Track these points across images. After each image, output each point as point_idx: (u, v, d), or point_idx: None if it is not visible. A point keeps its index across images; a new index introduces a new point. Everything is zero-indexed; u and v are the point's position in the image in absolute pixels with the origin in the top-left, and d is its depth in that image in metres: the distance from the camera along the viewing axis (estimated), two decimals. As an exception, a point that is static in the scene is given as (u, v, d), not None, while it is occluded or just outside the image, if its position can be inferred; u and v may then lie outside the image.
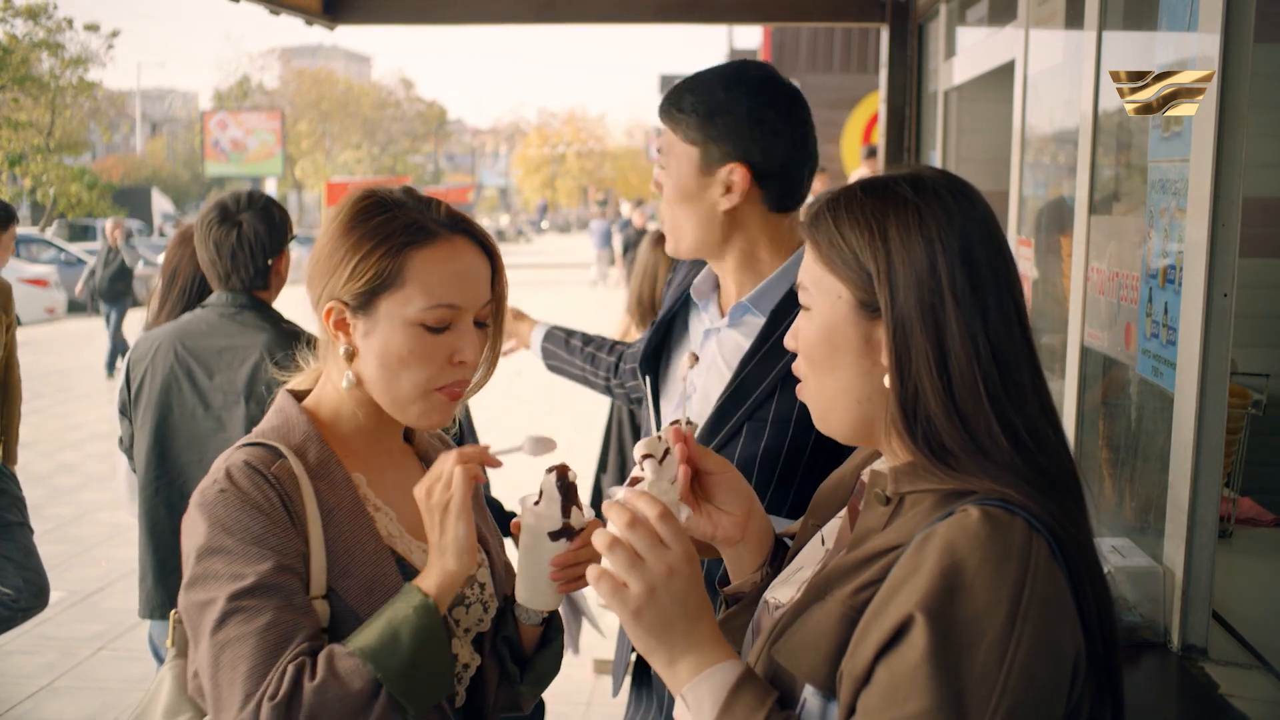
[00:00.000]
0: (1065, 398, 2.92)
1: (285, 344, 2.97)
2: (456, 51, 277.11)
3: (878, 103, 5.91)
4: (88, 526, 7.39)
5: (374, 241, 1.52)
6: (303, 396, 1.65)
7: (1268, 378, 2.82)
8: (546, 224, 64.14)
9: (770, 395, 1.97)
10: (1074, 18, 3.02)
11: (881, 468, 1.31)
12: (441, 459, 1.50)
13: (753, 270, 2.06)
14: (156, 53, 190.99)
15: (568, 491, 1.52)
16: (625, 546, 1.22)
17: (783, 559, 1.48)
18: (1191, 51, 2.11)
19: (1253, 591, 2.44)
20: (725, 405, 2.01)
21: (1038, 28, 3.45)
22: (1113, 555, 2.21)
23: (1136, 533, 2.43)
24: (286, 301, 3.15)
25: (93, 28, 30.84)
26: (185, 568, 1.48)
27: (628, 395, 2.68)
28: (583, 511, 1.54)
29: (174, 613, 1.62)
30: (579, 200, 68.91)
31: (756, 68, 2.05)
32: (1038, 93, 3.46)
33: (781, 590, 1.38)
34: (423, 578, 1.49)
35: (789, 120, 1.99)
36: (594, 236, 28.47)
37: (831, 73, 13.72)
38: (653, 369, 2.25)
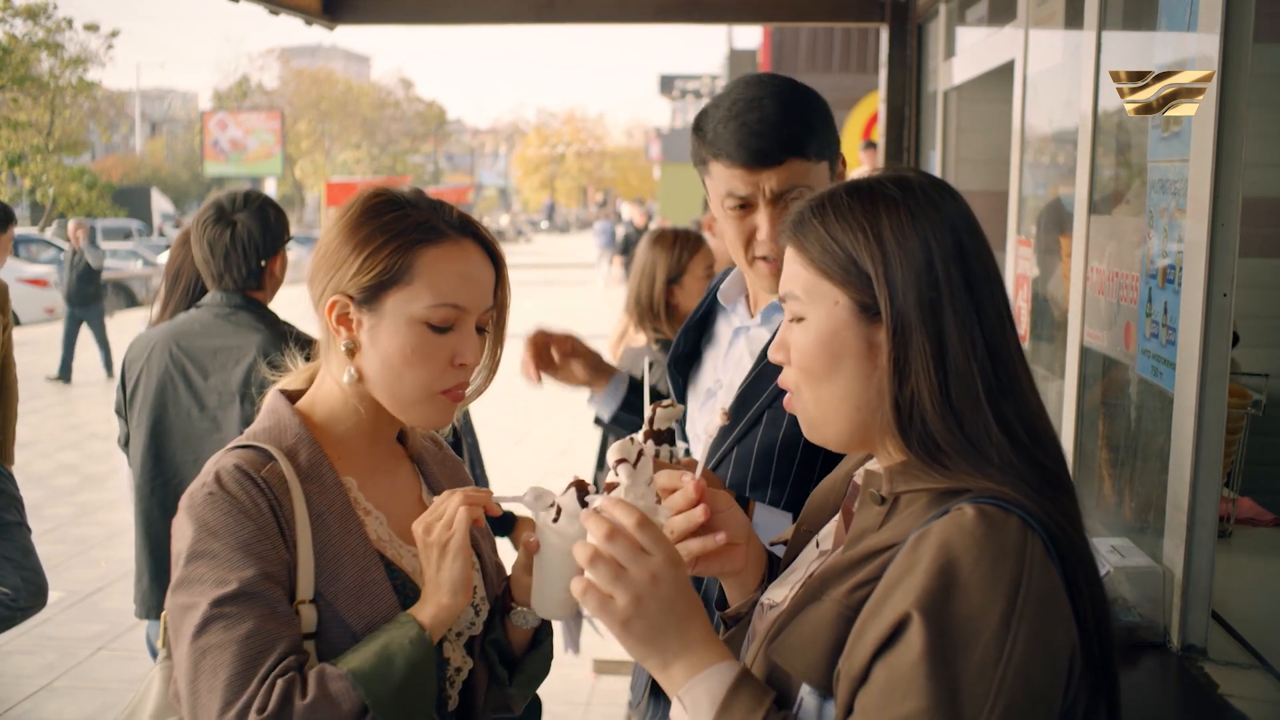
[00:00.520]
0: (1065, 398, 2.92)
1: (280, 344, 2.97)
2: (456, 51, 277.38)
3: (877, 103, 5.91)
4: (87, 527, 7.39)
5: (385, 237, 1.53)
6: (295, 397, 1.65)
7: (1267, 377, 2.82)
8: (546, 224, 64.15)
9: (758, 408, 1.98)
10: (1073, 18, 3.02)
11: (875, 468, 1.30)
12: (444, 497, 1.50)
13: None
14: (156, 53, 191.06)
15: (587, 507, 1.51)
16: (607, 558, 1.21)
17: (776, 573, 1.48)
18: (1191, 51, 2.11)
19: (1252, 591, 2.44)
20: (747, 392, 2.02)
21: (1037, 28, 3.45)
22: (1112, 555, 2.21)
23: (1136, 533, 2.43)
24: (284, 302, 3.15)
25: (92, 28, 30.83)
26: (173, 570, 1.48)
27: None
28: None
29: (165, 614, 1.62)
30: (578, 200, 68.93)
31: (776, 78, 2.01)
32: (1037, 93, 3.46)
33: (776, 592, 1.38)
34: (419, 608, 1.49)
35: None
36: (598, 236, 28.54)
37: (831, 73, 13.74)
38: (684, 369, 2.28)
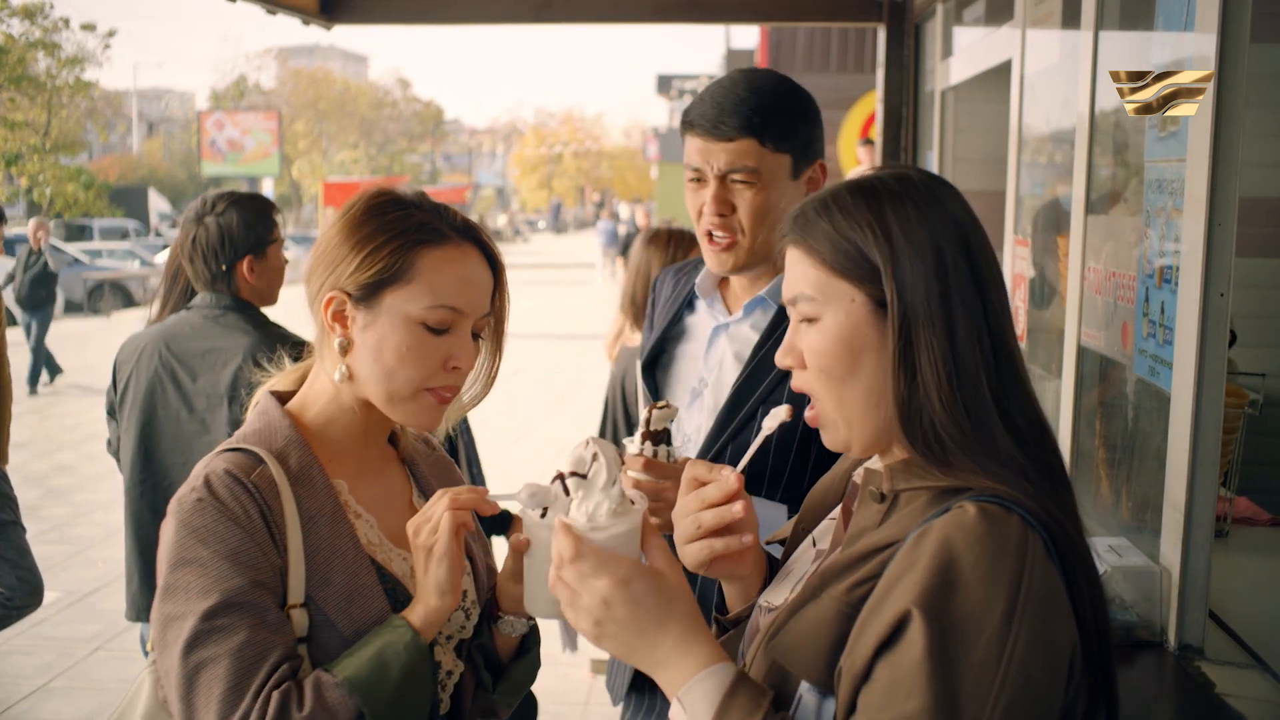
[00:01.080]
0: (1062, 397, 2.92)
1: (269, 346, 2.96)
2: (453, 51, 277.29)
3: (874, 102, 5.91)
4: (84, 527, 7.38)
5: (387, 235, 1.52)
6: (285, 398, 1.64)
7: (1264, 377, 2.82)
8: (543, 224, 64.12)
9: (782, 380, 1.99)
10: (1071, 18, 3.03)
11: (875, 466, 1.30)
12: (435, 499, 1.49)
13: (770, 266, 2.11)
14: (153, 52, 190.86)
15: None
16: (561, 585, 1.24)
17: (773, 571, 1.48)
18: (1188, 51, 2.11)
19: (1249, 591, 2.45)
20: (740, 390, 2.03)
21: (1034, 28, 3.45)
22: (1109, 555, 2.21)
23: (1133, 532, 2.43)
24: (282, 301, 3.15)
25: (89, 27, 30.86)
26: (159, 575, 1.47)
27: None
28: None
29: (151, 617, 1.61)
30: (576, 200, 68.90)
31: (766, 70, 2.13)
32: (1034, 93, 3.46)
33: (774, 593, 1.38)
34: (411, 611, 1.49)
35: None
36: (600, 236, 28.59)
37: (828, 73, 13.73)
38: (652, 374, 2.27)
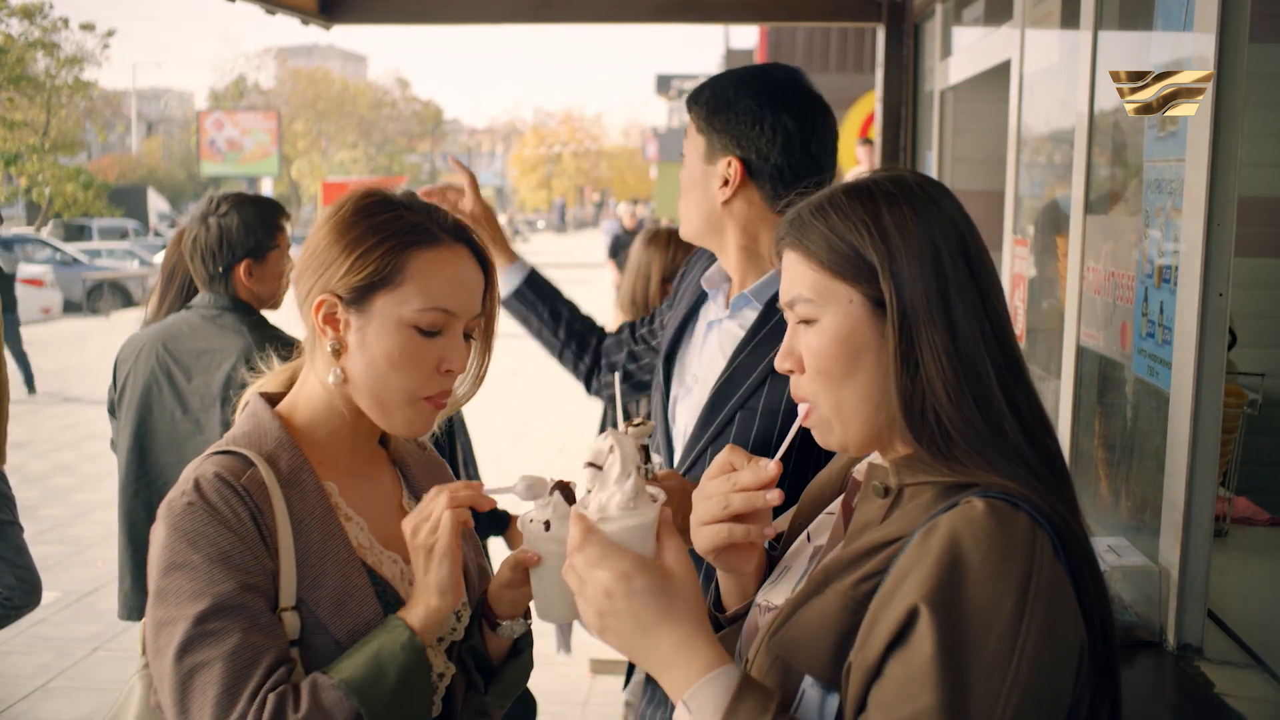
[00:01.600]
0: (1061, 397, 2.93)
1: (264, 348, 2.97)
2: (453, 51, 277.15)
3: (874, 102, 5.91)
4: (83, 527, 7.38)
5: (378, 237, 1.51)
6: (275, 399, 1.63)
7: (1263, 377, 2.82)
8: (543, 223, 64.10)
9: (761, 384, 1.99)
10: (1070, 18, 3.03)
11: (878, 461, 1.30)
12: (431, 496, 1.48)
13: (755, 264, 2.12)
14: (152, 52, 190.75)
15: (574, 503, 1.50)
16: (573, 573, 1.23)
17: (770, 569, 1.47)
18: (1187, 51, 2.11)
19: (1248, 591, 2.45)
20: (719, 393, 2.03)
21: (1033, 28, 3.45)
22: (1109, 554, 2.21)
23: (1132, 532, 2.43)
24: (284, 303, 3.14)
25: (88, 27, 30.86)
26: (149, 580, 1.46)
27: (610, 395, 2.67)
28: None
29: (144, 621, 1.61)
30: (575, 200, 68.88)
31: (782, 71, 2.11)
32: (1034, 92, 3.46)
33: (773, 591, 1.38)
34: (409, 611, 1.48)
35: (799, 125, 2.04)
36: (606, 236, 28.65)
37: (828, 72, 13.73)
38: (668, 367, 2.28)
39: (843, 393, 1.26)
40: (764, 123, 2.04)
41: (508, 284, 2.70)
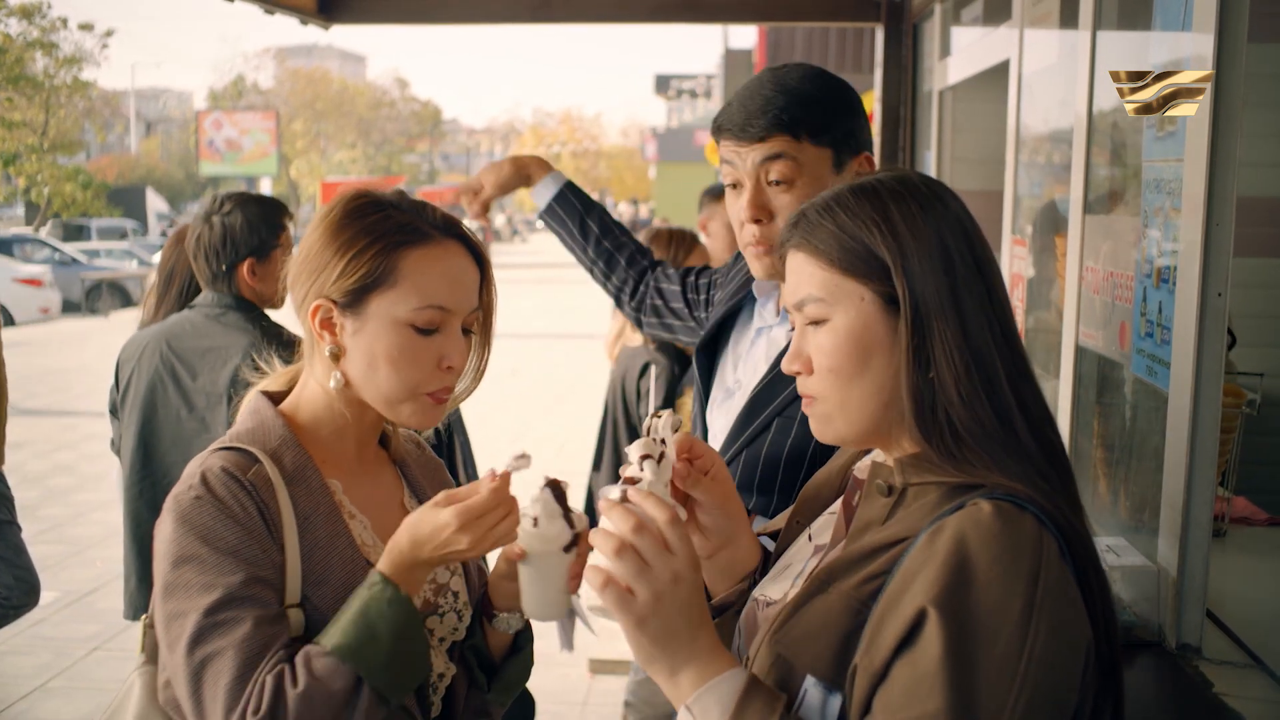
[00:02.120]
0: (1060, 397, 2.93)
1: (268, 346, 2.97)
2: (452, 51, 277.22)
3: (873, 102, 5.91)
4: (83, 527, 7.38)
5: (368, 239, 1.51)
6: (277, 398, 1.63)
7: (1261, 377, 2.82)
8: (541, 224, 64.04)
9: None
10: (1068, 17, 3.03)
11: (882, 459, 1.30)
12: (441, 509, 1.45)
13: None
14: (151, 52, 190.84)
15: (564, 501, 1.49)
16: (632, 551, 1.18)
17: (767, 566, 1.47)
18: (1186, 51, 2.11)
19: (1247, 590, 2.45)
20: (759, 397, 1.98)
21: (1032, 27, 3.45)
22: (1108, 555, 2.21)
23: (1131, 532, 2.43)
24: (286, 304, 3.14)
25: (87, 27, 30.83)
26: (156, 574, 1.46)
27: (639, 319, 2.61)
28: (573, 512, 1.53)
29: (145, 618, 1.60)
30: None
31: (809, 66, 2.02)
32: (1032, 92, 3.46)
33: (772, 587, 1.38)
34: (383, 563, 1.46)
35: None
36: None
37: (827, 73, 13.70)
38: (710, 354, 2.22)
39: (852, 390, 1.26)
40: (860, 107, 1.97)
41: (542, 198, 2.68)
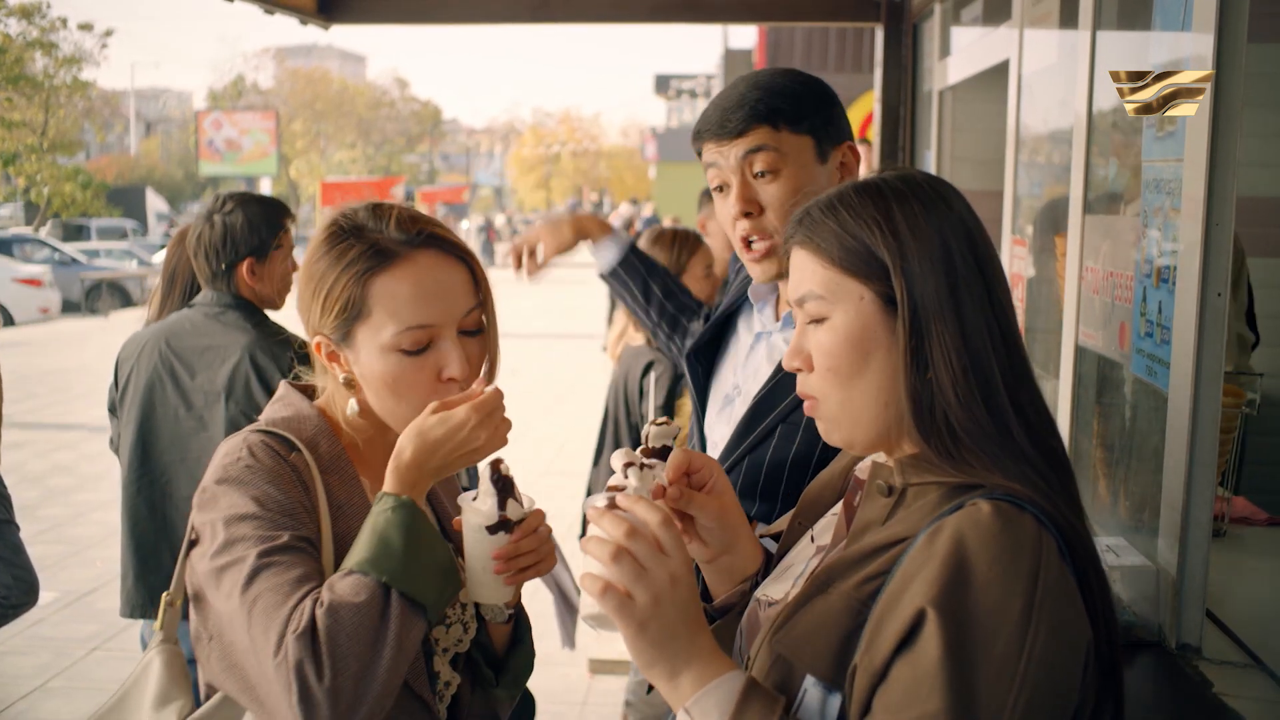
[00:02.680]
0: (1060, 397, 2.93)
1: (267, 345, 2.98)
2: (451, 51, 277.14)
3: (872, 102, 5.91)
4: (82, 527, 7.37)
5: (335, 273, 1.51)
6: (308, 392, 1.64)
7: (1261, 377, 2.82)
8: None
9: None
10: (1068, 17, 3.03)
11: (882, 460, 1.30)
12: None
13: None
14: (151, 52, 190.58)
15: (503, 485, 1.50)
16: (628, 555, 1.18)
17: (769, 568, 1.47)
18: (1186, 51, 2.11)
19: (1247, 590, 2.45)
20: (761, 402, 1.96)
21: (1032, 27, 3.45)
22: (1107, 554, 2.21)
23: (1131, 532, 2.43)
24: (286, 304, 3.14)
25: (87, 27, 30.79)
26: (207, 539, 1.45)
27: (674, 364, 2.62)
28: (521, 504, 1.52)
29: (165, 595, 1.60)
30: (568, 200, 68.85)
31: (791, 70, 2.04)
32: (1032, 92, 3.46)
33: (774, 588, 1.38)
34: (388, 482, 1.46)
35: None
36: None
37: (826, 72, 13.72)
38: (706, 361, 2.21)
39: (851, 390, 1.26)
40: (836, 99, 1.97)
41: (604, 260, 2.67)
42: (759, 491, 1.93)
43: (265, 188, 37.51)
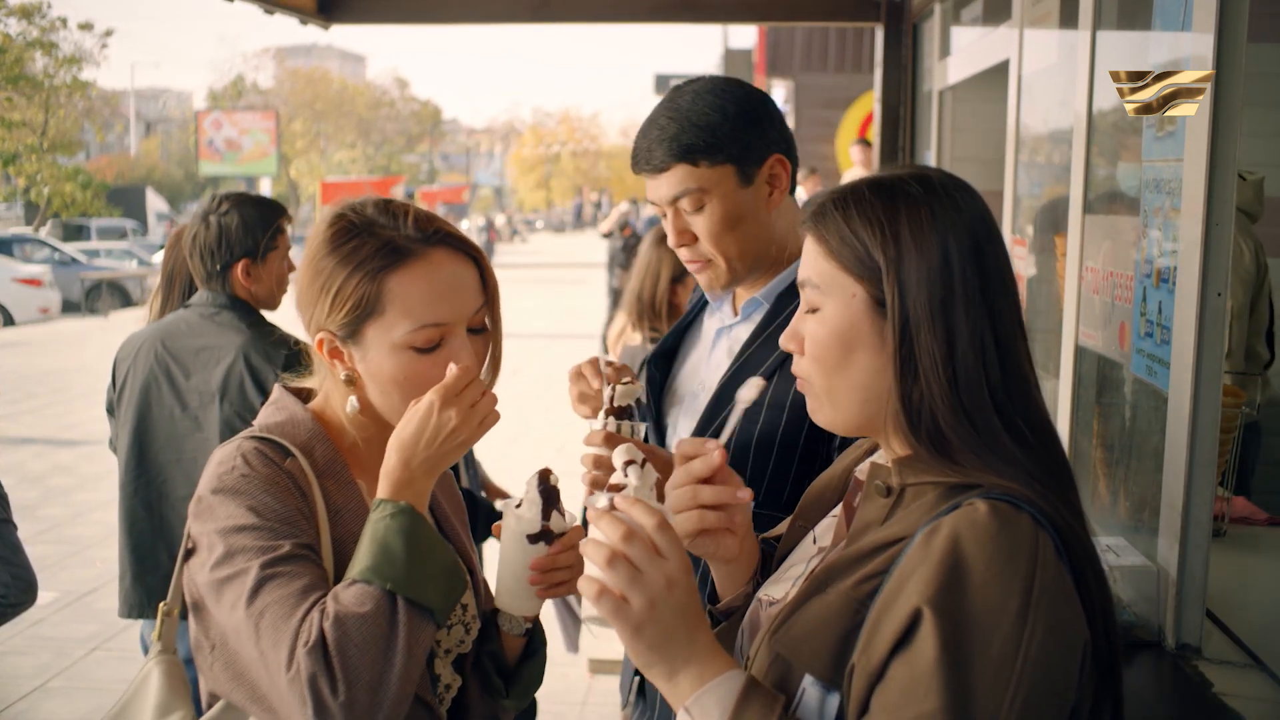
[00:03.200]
0: (1060, 397, 2.93)
1: (262, 346, 2.98)
2: (451, 51, 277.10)
3: (872, 102, 5.91)
4: (82, 527, 7.37)
5: (348, 270, 1.49)
6: (303, 395, 1.63)
7: (1265, 373, 2.82)
8: (541, 224, 64.08)
9: (769, 377, 1.95)
10: (1068, 17, 3.03)
11: (881, 460, 1.31)
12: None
13: (770, 267, 2.04)
14: (151, 52, 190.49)
15: (549, 495, 1.50)
16: (624, 559, 1.18)
17: (770, 568, 1.47)
18: (1185, 51, 2.11)
19: (1247, 590, 2.45)
20: (724, 387, 2.00)
21: (1032, 27, 3.46)
22: (1107, 554, 2.21)
23: (1131, 532, 2.43)
24: (284, 303, 3.14)
25: (87, 27, 30.76)
26: (205, 549, 1.44)
27: None
28: (564, 517, 1.52)
29: (162, 605, 1.59)
30: (573, 200, 68.86)
31: (706, 80, 2.01)
32: (1032, 92, 3.47)
33: (775, 588, 1.38)
34: (381, 489, 1.45)
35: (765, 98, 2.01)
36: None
37: (826, 72, 13.71)
38: (663, 369, 2.24)
39: (835, 380, 1.27)
40: (762, 114, 1.96)
41: None
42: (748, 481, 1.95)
43: (265, 188, 37.53)
